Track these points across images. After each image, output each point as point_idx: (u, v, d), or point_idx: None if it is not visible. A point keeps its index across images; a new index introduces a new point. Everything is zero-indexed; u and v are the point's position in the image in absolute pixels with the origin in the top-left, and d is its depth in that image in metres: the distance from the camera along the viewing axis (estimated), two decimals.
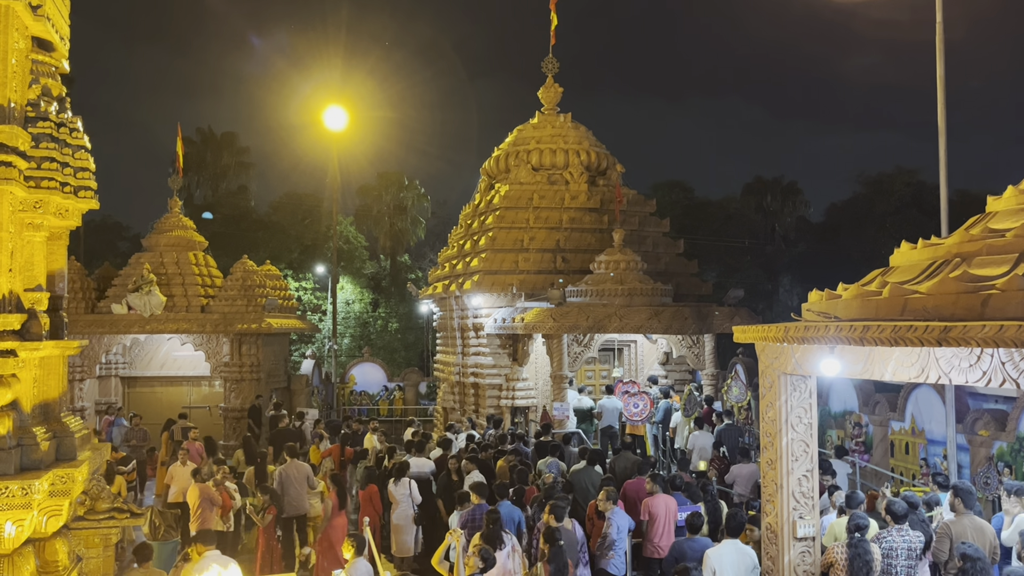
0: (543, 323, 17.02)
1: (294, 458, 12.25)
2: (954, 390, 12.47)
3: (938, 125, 12.40)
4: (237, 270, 22.43)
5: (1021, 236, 6.11)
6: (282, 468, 12.13)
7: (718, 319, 17.49)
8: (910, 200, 39.47)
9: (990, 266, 6.05)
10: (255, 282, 22.24)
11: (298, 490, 11.95)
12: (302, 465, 12.33)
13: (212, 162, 44.09)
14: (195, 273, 22.02)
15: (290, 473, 11.98)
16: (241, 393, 21.29)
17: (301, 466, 12.25)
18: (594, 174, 21.74)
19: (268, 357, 22.14)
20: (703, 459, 14.08)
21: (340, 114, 29.99)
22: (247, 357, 21.37)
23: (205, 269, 22.64)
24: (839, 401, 16.63)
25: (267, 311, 21.82)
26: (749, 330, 7.92)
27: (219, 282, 22.72)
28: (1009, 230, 6.27)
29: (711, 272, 37.39)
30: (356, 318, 41.70)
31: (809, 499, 7.87)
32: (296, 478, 11.99)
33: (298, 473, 12.06)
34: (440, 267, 23.36)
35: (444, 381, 22.78)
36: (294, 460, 12.21)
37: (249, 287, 21.97)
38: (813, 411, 7.88)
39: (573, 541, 8.85)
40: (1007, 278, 5.67)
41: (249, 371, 21.36)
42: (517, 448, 13.19)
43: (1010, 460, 12.02)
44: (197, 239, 23.00)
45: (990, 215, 6.79)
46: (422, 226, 47.11)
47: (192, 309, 21.38)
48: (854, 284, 7.20)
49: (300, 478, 12.05)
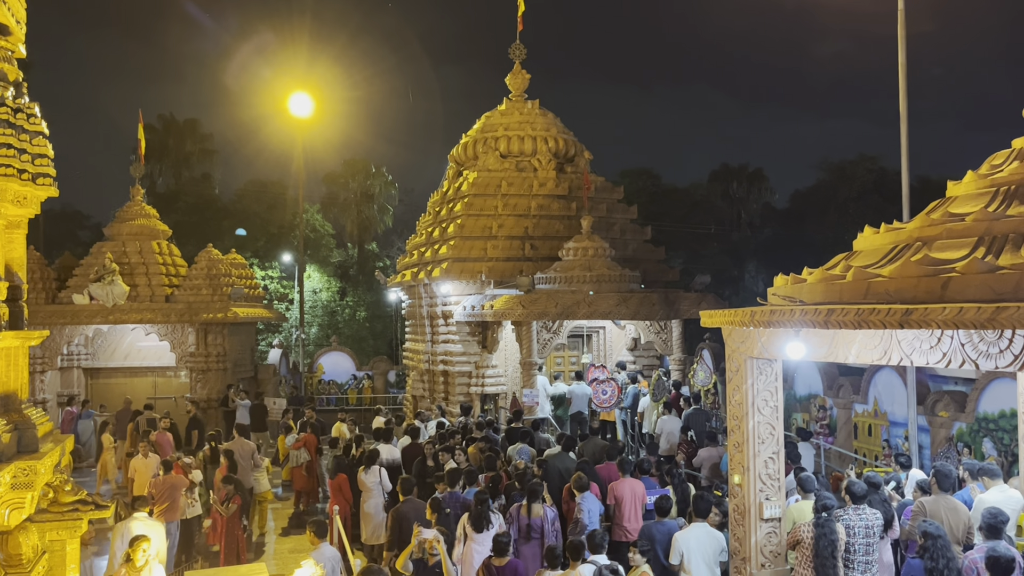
0: (512, 310, 17.04)
1: (243, 436, 13.34)
2: (915, 372, 12.71)
3: (900, 112, 12.58)
4: (202, 259, 22.19)
5: (980, 220, 6.23)
6: (227, 445, 13.02)
7: (685, 305, 17.64)
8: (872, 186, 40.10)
9: (950, 250, 6.16)
10: (220, 271, 22.03)
11: (244, 467, 12.84)
12: (247, 443, 13.28)
13: (175, 149, 43.44)
14: (159, 262, 21.73)
15: (236, 449, 12.93)
16: (208, 383, 21.09)
17: (246, 444, 13.23)
18: (562, 161, 21.75)
19: (234, 347, 21.94)
20: (671, 443, 14.24)
21: (305, 100, 29.66)
22: (213, 347, 21.17)
23: (169, 258, 22.37)
24: (804, 384, 16.88)
25: (233, 300, 21.63)
26: (716, 315, 8.00)
27: (183, 271, 22.46)
28: (968, 214, 6.39)
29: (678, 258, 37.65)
30: (324, 307, 41.45)
31: (775, 481, 8.00)
32: (241, 454, 12.94)
33: (243, 450, 13.04)
34: (408, 255, 23.26)
35: (413, 369, 22.72)
36: (240, 438, 13.27)
37: (214, 276, 21.76)
38: (779, 394, 7.99)
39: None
40: (966, 261, 5.78)
41: (215, 361, 21.17)
42: (487, 435, 13.22)
43: (969, 440, 12.30)
44: (160, 227, 22.68)
45: (950, 200, 6.91)
46: (390, 214, 46.84)
47: (156, 299, 21.11)
48: (819, 268, 7.30)
49: (245, 455, 13.03)
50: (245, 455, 13.07)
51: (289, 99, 29.82)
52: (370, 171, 45.60)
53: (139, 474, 12.86)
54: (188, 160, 43.88)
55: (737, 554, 8.14)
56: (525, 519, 9.00)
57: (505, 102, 22.59)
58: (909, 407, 12.72)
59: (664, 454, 13.95)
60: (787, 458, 9.43)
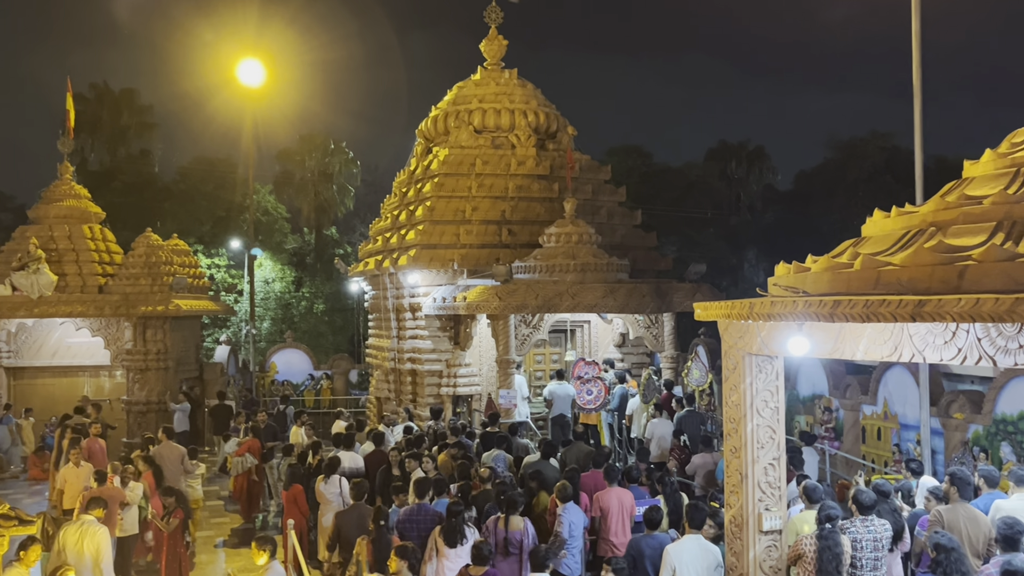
0: (487, 302, 17.04)
1: (170, 439, 13.60)
2: (928, 370, 12.88)
3: (913, 85, 12.69)
4: (140, 245, 22.04)
5: (999, 204, 6.30)
6: (156, 449, 13.37)
7: (678, 296, 17.73)
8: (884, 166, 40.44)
9: (967, 235, 6.23)
10: (161, 258, 21.90)
11: (172, 471, 13.05)
12: (175, 446, 13.54)
13: (109, 122, 42.92)
14: (91, 248, 21.53)
15: (163, 454, 13.22)
16: (146, 384, 20.96)
17: (175, 447, 13.49)
18: (543, 137, 21.73)
19: (177, 343, 21.82)
20: (662, 448, 14.33)
21: (257, 69, 29.40)
22: (152, 343, 21.04)
23: (102, 244, 22.18)
24: (808, 384, 17.04)
25: (175, 291, 21.48)
26: (711, 307, 8.05)
27: (119, 259, 22.28)
28: (986, 197, 6.46)
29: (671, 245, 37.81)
30: (277, 299, 41.24)
31: (776, 489, 8.07)
32: (170, 459, 13.20)
33: (172, 454, 13.32)
34: (372, 241, 23.17)
35: (378, 368, 22.67)
36: (168, 441, 13.52)
37: (154, 264, 21.62)
38: (780, 395, 8.05)
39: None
40: (984, 248, 5.84)
41: (155, 359, 21.04)
42: (460, 441, 13.22)
43: (986, 444, 12.48)
44: (93, 210, 22.46)
45: (967, 181, 6.98)
46: (351, 195, 46.62)
47: (88, 289, 20.91)
48: (824, 256, 7.36)
49: (174, 459, 13.28)
50: (173, 460, 13.24)
51: (238, 67, 29.54)
52: (329, 147, 45.34)
53: (70, 485, 12.74)
54: (124, 134, 43.38)
55: (734, 570, 8.21)
56: (502, 532, 9.03)
57: (480, 71, 22.52)
58: (921, 408, 12.89)
59: (654, 461, 14.02)
60: (789, 464, 9.52)
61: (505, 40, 22.39)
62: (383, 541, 8.62)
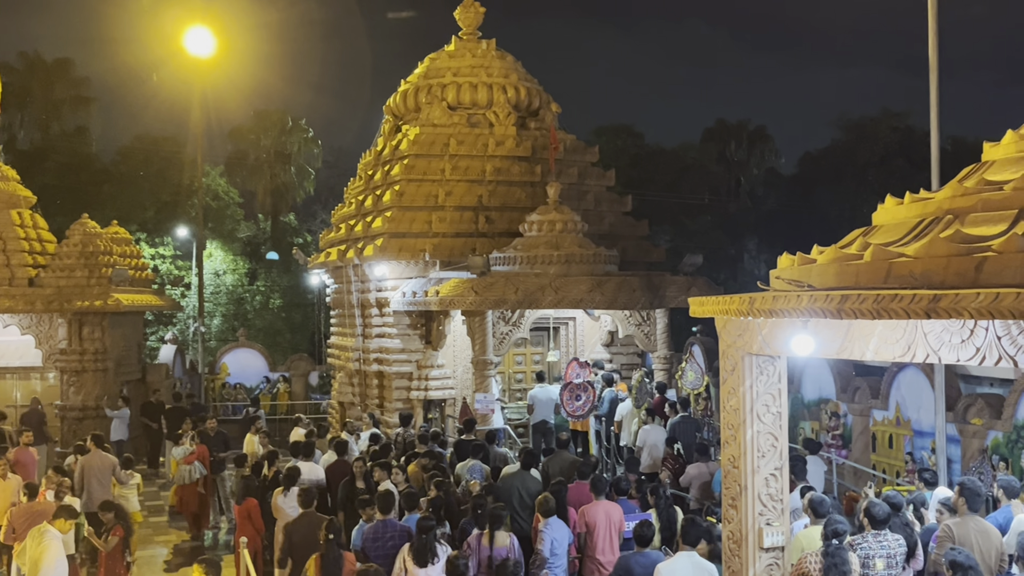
0: (462, 297, 17.02)
1: (100, 447, 13.72)
2: (944, 372, 12.99)
3: (929, 60, 12.77)
4: (75, 233, 21.90)
5: (1021, 189, 6.35)
6: (84, 459, 13.43)
7: (672, 290, 17.78)
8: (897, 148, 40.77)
9: (986, 224, 6.26)
10: (99, 248, 21.78)
11: (101, 483, 13.23)
12: (106, 456, 13.66)
13: (41, 96, 42.58)
14: (19, 236, 21.36)
15: (93, 464, 13.36)
16: (83, 387, 20.85)
17: (105, 457, 13.61)
18: (524, 115, 21.72)
19: (117, 342, 21.71)
20: (654, 457, 14.38)
21: (206, 37, 29.14)
22: (90, 342, 20.93)
23: (33, 232, 22.01)
24: (813, 387, 17.16)
25: (114, 284, 21.36)
26: (708, 302, 8.07)
27: (52, 248, 22.13)
28: (1008, 182, 6.50)
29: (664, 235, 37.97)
30: (229, 293, 41.09)
31: (777, 502, 8.11)
32: (99, 469, 13.35)
33: (102, 464, 13.44)
34: (334, 229, 23.08)
35: (340, 370, 22.61)
36: (98, 450, 13.62)
37: (91, 254, 21.51)
38: (783, 399, 8.09)
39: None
40: (1004, 238, 5.88)
41: (92, 360, 20.93)
42: (431, 450, 13.22)
43: (1006, 452, 12.63)
44: (22, 193, 22.27)
45: (987, 165, 7.03)
46: (311, 178, 46.50)
47: (17, 282, 20.74)
48: (831, 247, 7.39)
49: (104, 469, 13.40)
50: (102, 470, 13.33)
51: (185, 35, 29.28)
52: (286, 125, 45.18)
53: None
54: (58, 110, 43.06)
55: None
56: (487, 550, 9.04)
57: (454, 41, 22.46)
58: (936, 414, 13.00)
59: (646, 471, 14.07)
60: (792, 475, 9.59)
61: (482, 7, 22.34)
62: (332, 556, 8.60)
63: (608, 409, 17.18)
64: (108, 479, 13.33)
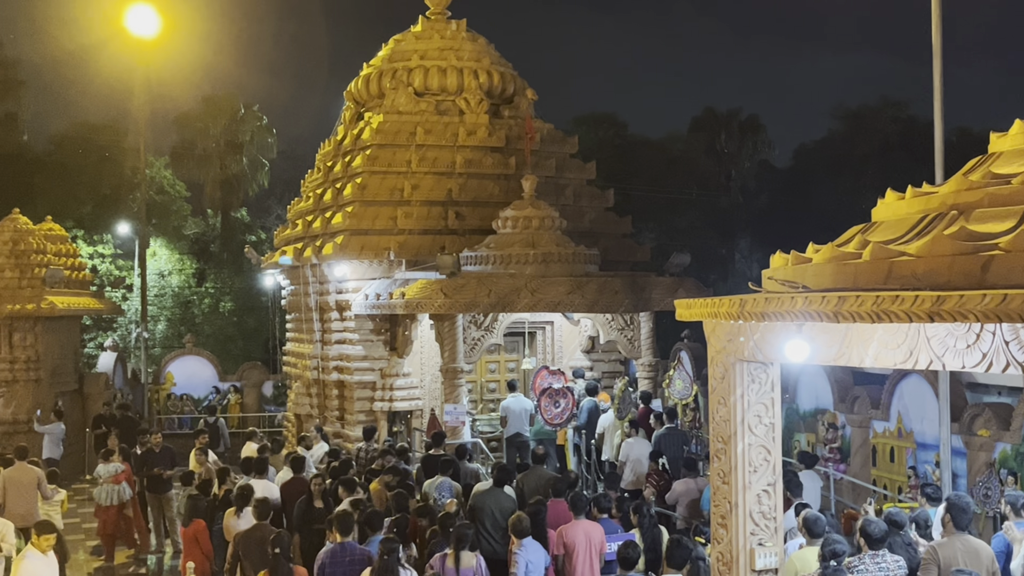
0: (430, 300, 16.99)
1: (24, 460, 13.89)
2: (949, 379, 13.10)
3: (932, 45, 12.89)
4: (5, 230, 21.78)
5: None
6: (5, 472, 13.54)
7: (658, 292, 17.85)
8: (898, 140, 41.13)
9: (993, 220, 6.32)
10: (31, 246, 21.66)
11: (24, 497, 13.35)
12: (30, 469, 13.75)
13: None
14: None
15: (14, 478, 13.45)
16: (14, 399, 20.67)
17: (29, 470, 13.70)
18: (497, 102, 21.73)
19: (51, 350, 21.54)
20: (638, 473, 14.41)
21: (149, 15, 28.96)
22: (21, 350, 20.79)
23: None
24: (809, 396, 17.27)
25: (49, 286, 21.20)
26: (695, 305, 8.10)
27: None
28: (1016, 175, 6.56)
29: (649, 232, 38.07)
30: (175, 295, 40.83)
31: (770, 521, 8.15)
32: (23, 483, 13.45)
33: (25, 478, 13.52)
34: (290, 225, 23.00)
35: (297, 379, 22.51)
36: (21, 463, 13.79)
37: (22, 253, 21.39)
38: (776, 409, 8.13)
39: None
40: (1012, 235, 5.93)
41: (24, 369, 20.79)
42: (396, 466, 13.19)
43: (1015, 466, 12.75)
44: None
45: (993, 157, 7.10)
46: (265, 170, 46.22)
47: None
48: (827, 245, 7.44)
49: (27, 483, 13.48)
50: (24, 486, 13.40)
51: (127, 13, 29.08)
52: (238, 111, 44.88)
53: None
54: None
55: None
56: (452, 570, 9.05)
57: (421, 22, 22.45)
58: (941, 425, 13.11)
59: (629, 488, 14.10)
60: (787, 491, 9.64)
61: None
62: (282, 572, 8.67)
63: (587, 420, 17.20)
64: (32, 494, 13.37)
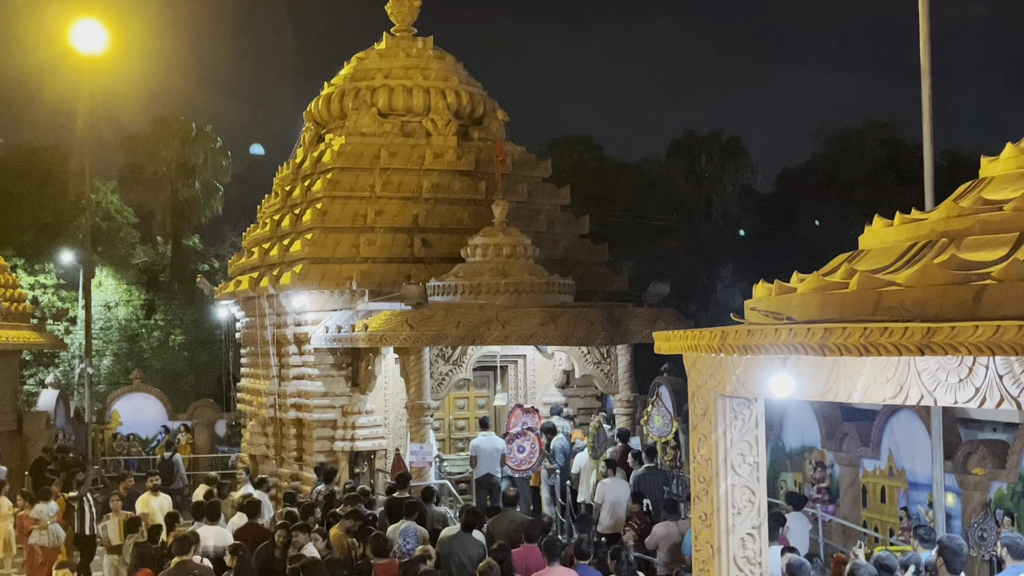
0: (395, 332, 16.94)
1: None
2: (941, 415, 13.18)
3: (921, 64, 13.06)
4: None
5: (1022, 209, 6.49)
6: None
7: (635, 324, 17.87)
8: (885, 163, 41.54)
9: (984, 248, 6.38)
10: None
11: None
12: None
13: None
14: None
15: None
16: None
17: None
18: (466, 123, 21.78)
19: None
20: (616, 515, 14.37)
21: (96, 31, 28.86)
22: None
23: None
24: (796, 434, 17.33)
25: None
26: (675, 337, 8.12)
27: None
28: (1008, 201, 6.64)
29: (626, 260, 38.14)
30: (121, 328, 40.52)
31: (755, 566, 8.15)
32: None
33: None
34: (246, 253, 22.89)
35: (253, 417, 22.34)
36: None
37: None
38: (761, 447, 8.15)
39: None
40: (1005, 264, 5.98)
41: None
42: (356, 510, 13.09)
43: (1011, 506, 12.83)
44: None
45: (985, 182, 7.19)
46: (219, 195, 46.08)
47: None
48: (813, 274, 7.48)
49: None
50: None
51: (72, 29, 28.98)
52: (190, 133, 44.80)
53: None
54: None
55: None
56: None
57: (385, 39, 22.51)
58: (933, 463, 13.17)
59: (606, 532, 14.06)
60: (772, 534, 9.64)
61: (418, 1, 22.41)
62: None
63: (563, 461, 17.15)
64: None
